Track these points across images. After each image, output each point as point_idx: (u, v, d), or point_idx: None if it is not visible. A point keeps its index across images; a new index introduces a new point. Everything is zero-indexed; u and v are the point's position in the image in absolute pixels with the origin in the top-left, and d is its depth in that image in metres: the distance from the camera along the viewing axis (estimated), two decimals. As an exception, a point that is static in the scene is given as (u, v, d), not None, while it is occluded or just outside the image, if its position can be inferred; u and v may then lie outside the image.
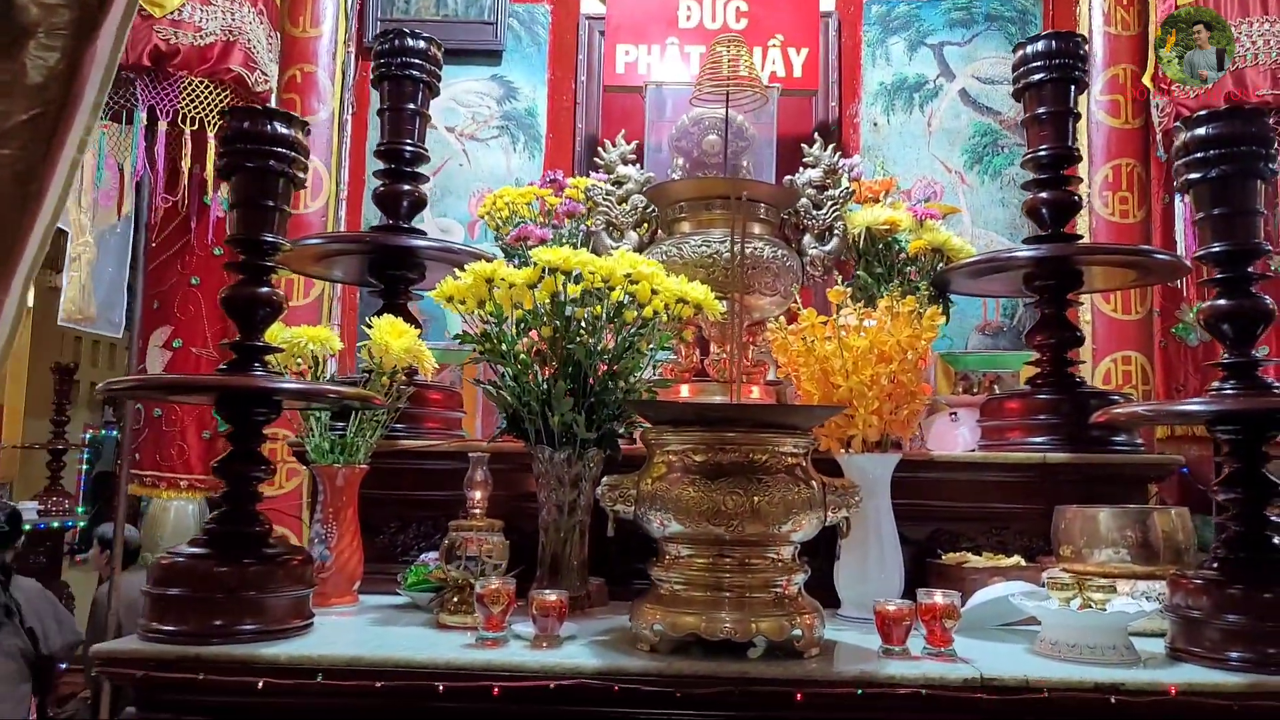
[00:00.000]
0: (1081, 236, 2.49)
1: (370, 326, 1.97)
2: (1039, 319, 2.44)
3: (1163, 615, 1.65)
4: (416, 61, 2.39)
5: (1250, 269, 1.62)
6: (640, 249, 2.41)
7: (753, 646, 1.55)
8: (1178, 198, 3.45)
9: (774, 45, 3.32)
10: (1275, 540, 1.59)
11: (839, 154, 2.51)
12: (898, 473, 2.09)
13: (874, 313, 2.04)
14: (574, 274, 1.84)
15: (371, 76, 2.41)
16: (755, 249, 2.26)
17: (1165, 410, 1.81)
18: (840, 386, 1.96)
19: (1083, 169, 3.62)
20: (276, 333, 1.86)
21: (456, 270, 1.91)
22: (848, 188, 2.48)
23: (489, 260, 2.26)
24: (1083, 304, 3.53)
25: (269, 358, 1.68)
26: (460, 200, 3.65)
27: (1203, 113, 1.64)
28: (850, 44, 3.71)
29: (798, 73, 3.38)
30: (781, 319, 2.14)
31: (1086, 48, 2.40)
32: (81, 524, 6.55)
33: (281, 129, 1.64)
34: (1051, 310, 2.42)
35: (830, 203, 2.47)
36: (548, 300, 1.86)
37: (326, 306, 3.33)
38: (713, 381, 2.32)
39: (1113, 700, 1.43)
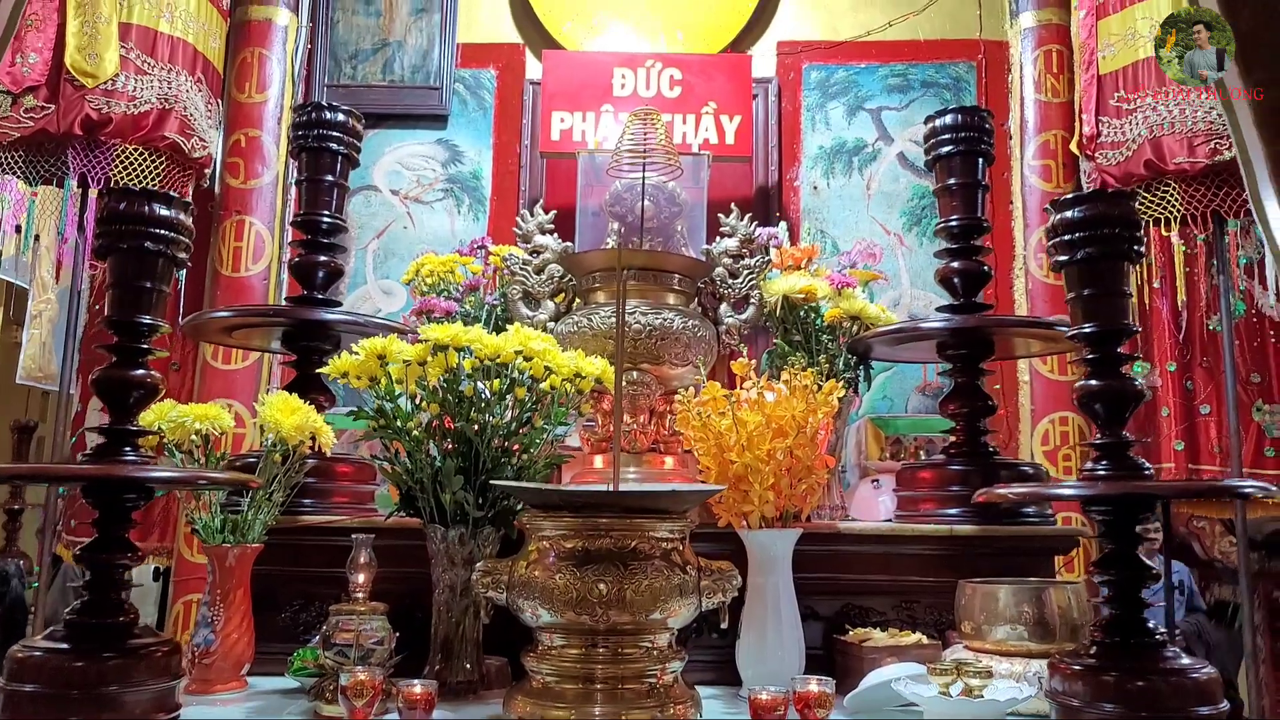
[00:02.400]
0: (992, 306, 2.50)
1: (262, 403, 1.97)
2: (953, 388, 2.45)
3: (1040, 698, 1.63)
4: (335, 134, 2.42)
5: (1119, 349, 1.63)
6: (556, 318, 2.42)
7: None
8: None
9: (707, 113, 3.38)
10: (1149, 624, 1.57)
11: (756, 223, 2.54)
12: (808, 546, 2.08)
13: (776, 385, 2.05)
14: (467, 350, 1.85)
15: (289, 148, 2.44)
16: (666, 319, 2.27)
17: (1038, 493, 1.80)
18: (735, 462, 1.95)
19: (1018, 231, 3.67)
20: (164, 410, 1.85)
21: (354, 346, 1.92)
22: (764, 257, 2.50)
23: (404, 332, 2.27)
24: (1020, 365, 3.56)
25: (143, 440, 1.67)
26: (404, 263, 3.67)
27: (1070, 196, 1.66)
28: (790, 109, 3.77)
29: (730, 139, 3.43)
30: (691, 390, 2.14)
31: (992, 122, 2.44)
32: (34, 584, 6.45)
33: (161, 210, 1.65)
34: (965, 379, 2.43)
35: (746, 272, 2.49)
36: (440, 377, 1.86)
37: (265, 370, 3.33)
38: (624, 452, 2.31)
39: (976, 795, 1.41)
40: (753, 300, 2.49)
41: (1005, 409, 3.66)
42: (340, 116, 2.43)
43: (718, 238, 2.56)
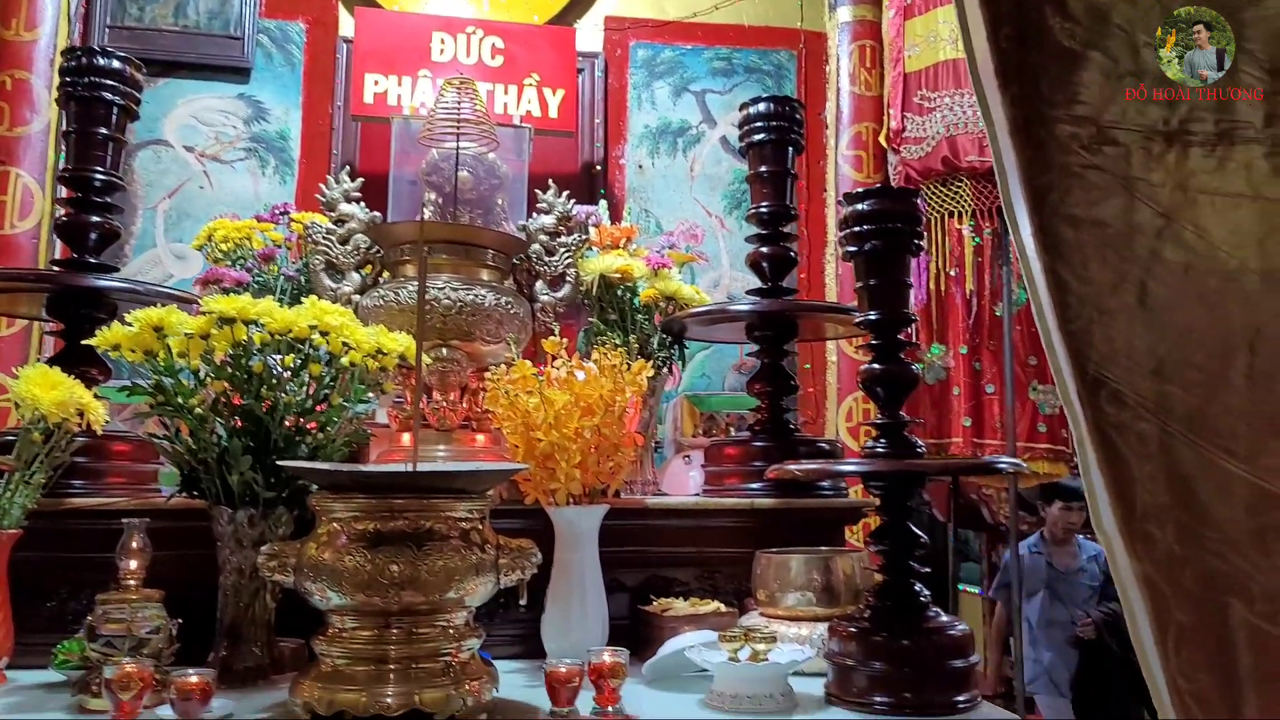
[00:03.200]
0: (797, 291, 2.62)
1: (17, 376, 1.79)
2: (759, 369, 2.55)
3: (820, 659, 1.74)
4: (109, 83, 2.20)
5: (900, 336, 1.74)
6: (362, 291, 2.32)
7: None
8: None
9: (530, 85, 3.33)
10: (917, 588, 1.70)
11: (574, 201, 2.53)
12: (616, 520, 2.11)
13: (588, 364, 2.06)
14: (256, 324, 1.75)
15: (58, 96, 2.21)
16: (477, 295, 2.23)
17: (823, 469, 1.91)
18: (542, 441, 1.95)
19: (831, 218, 3.85)
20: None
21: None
22: (581, 235, 2.50)
23: (189, 301, 2.12)
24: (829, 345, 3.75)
25: None
26: (200, 225, 3.36)
27: (860, 190, 1.75)
28: (617, 86, 3.78)
29: (554, 113, 3.40)
30: (503, 368, 2.12)
31: (803, 112, 2.54)
32: None
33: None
34: (770, 360, 2.53)
35: (563, 249, 2.48)
36: (227, 352, 1.75)
37: (36, 337, 3.03)
38: (434, 430, 2.26)
39: (757, 755, 1.48)
40: (569, 278, 2.48)
41: (815, 387, 3.85)
42: (116, 64, 2.21)
43: (535, 214, 2.53)
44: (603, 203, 2.79)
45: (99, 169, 2.20)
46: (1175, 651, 1.28)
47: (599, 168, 3.61)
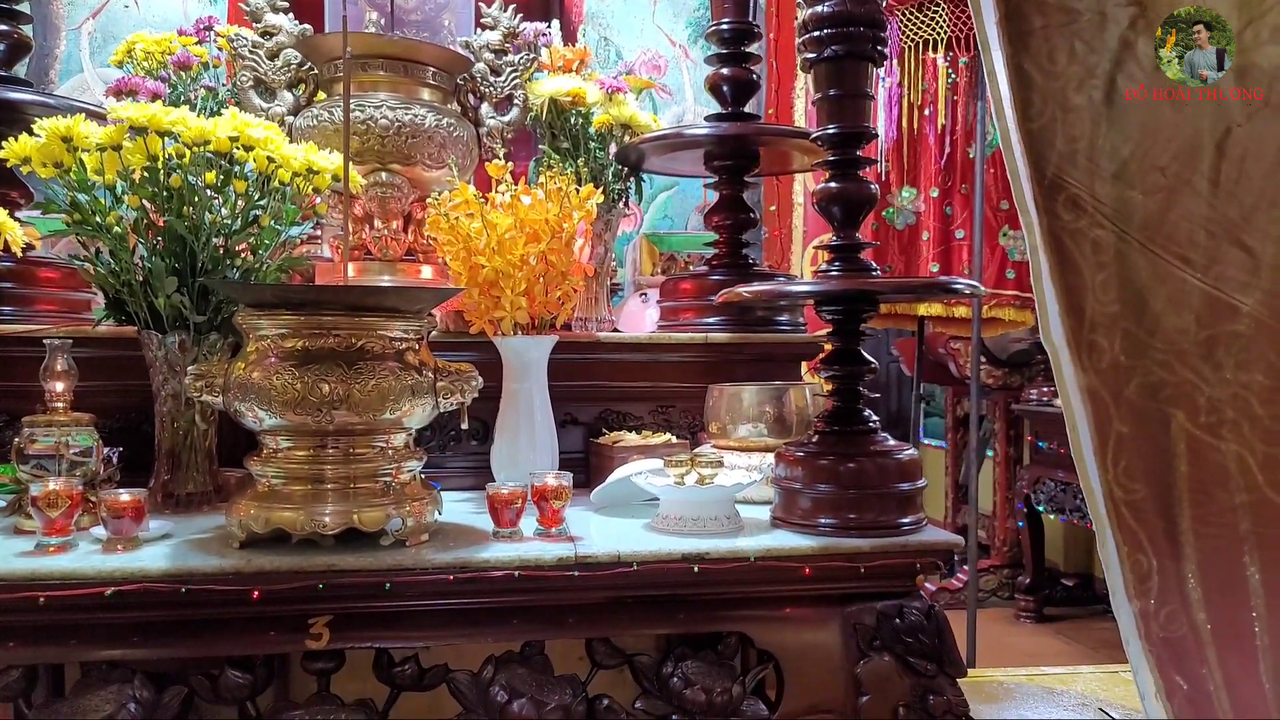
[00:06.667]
0: (759, 117, 2.49)
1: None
2: (718, 200, 2.45)
3: (766, 484, 1.74)
4: (8, -126, 1.99)
5: (859, 153, 1.66)
6: (296, 111, 2.18)
7: (383, 534, 1.50)
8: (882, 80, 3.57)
9: (478, -108, 3.05)
10: (866, 414, 1.69)
11: (520, 16, 2.35)
12: (568, 354, 2.07)
13: (535, 190, 1.96)
14: (171, 136, 1.63)
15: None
16: (417, 115, 2.10)
17: (773, 290, 1.86)
18: (486, 267, 1.88)
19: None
20: None
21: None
22: (530, 54, 2.34)
23: (103, 118, 1.98)
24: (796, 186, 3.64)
25: None
26: (128, 49, 3.20)
27: (819, -10, 1.62)
28: (574, -101, 3.50)
29: (505, -76, 3.13)
30: (445, 195, 2.01)
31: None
32: None
33: None
34: (729, 191, 2.44)
35: (510, 69, 2.32)
36: (143, 166, 1.64)
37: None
38: (376, 260, 2.18)
39: (695, 569, 1.50)
40: (517, 102, 2.34)
41: (779, 230, 3.77)
42: None
43: (479, 30, 2.36)
44: (555, 22, 2.61)
45: (3, -27, 2.01)
46: (1114, 462, 1.28)
47: (556, -9, 3.39)
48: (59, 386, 1.61)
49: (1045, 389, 4.50)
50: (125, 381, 1.92)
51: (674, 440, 2.10)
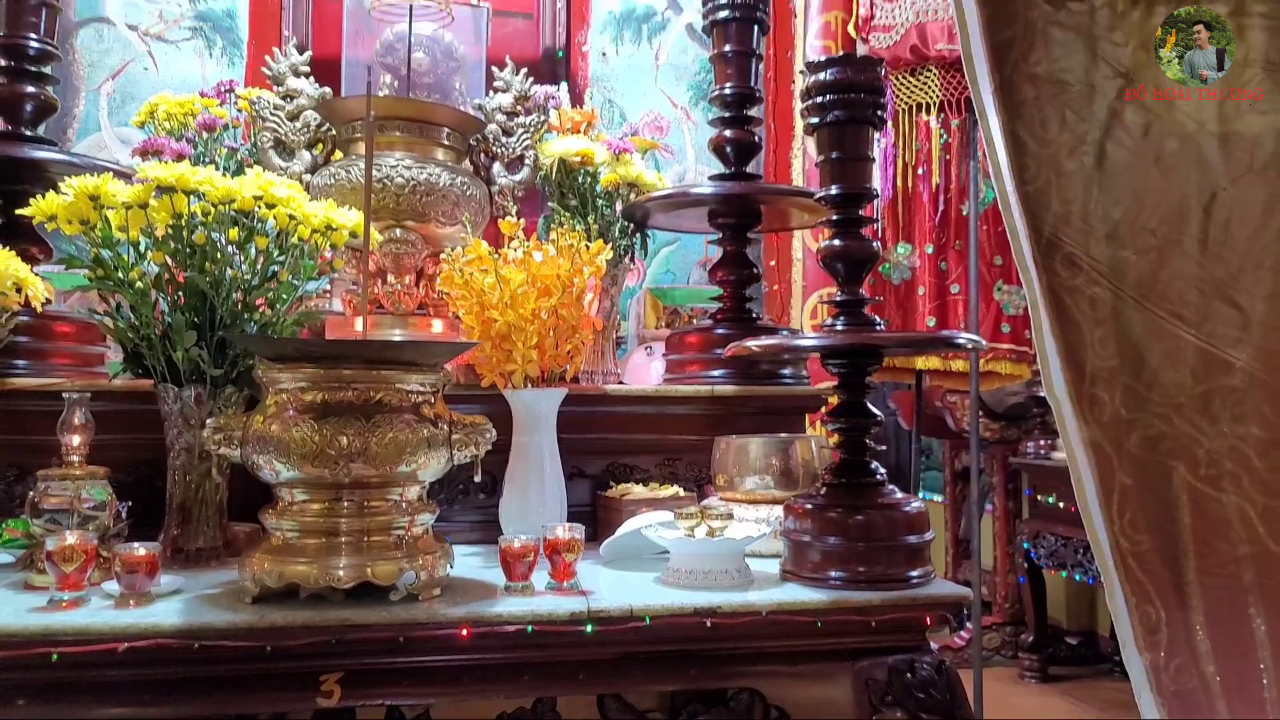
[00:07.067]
0: (761, 177, 2.57)
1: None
2: (722, 256, 2.51)
3: (775, 537, 1.76)
4: (39, -57, 2.08)
5: (860, 212, 1.71)
6: (313, 170, 2.24)
7: (394, 589, 1.51)
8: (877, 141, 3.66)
9: (488, -38, 3.18)
10: (873, 466, 1.71)
11: (531, 80, 2.44)
12: (576, 407, 2.10)
13: (545, 246, 2.01)
14: (196, 194, 1.68)
15: (-20, -42, 2.07)
16: (432, 174, 2.16)
17: (781, 345, 1.90)
18: (498, 320, 1.92)
19: (799, 110, 3.76)
20: None
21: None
22: (541, 116, 2.41)
23: (128, 176, 2.04)
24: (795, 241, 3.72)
25: None
26: (145, 109, 3.29)
27: (822, 59, 1.69)
28: (579, -32, 3.63)
29: (513, -7, 3.26)
30: (459, 250, 2.07)
31: (769, -11, 2.45)
32: None
33: None
34: (733, 247, 2.49)
35: (521, 130, 2.40)
36: (168, 223, 1.69)
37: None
38: (388, 314, 2.22)
39: (708, 623, 1.51)
40: (528, 161, 2.41)
41: (780, 285, 3.83)
42: (45, -76, 2.08)
43: (491, 93, 2.44)
44: (564, 84, 2.69)
45: (33, 36, 2.09)
46: (1119, 513, 1.30)
47: (561, 54, 3.49)
48: (76, 440, 1.63)
49: (1043, 442, 4.52)
50: (136, 435, 1.94)
51: (681, 493, 2.12)
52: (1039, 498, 4.47)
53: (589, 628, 1.48)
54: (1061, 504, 4.27)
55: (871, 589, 1.59)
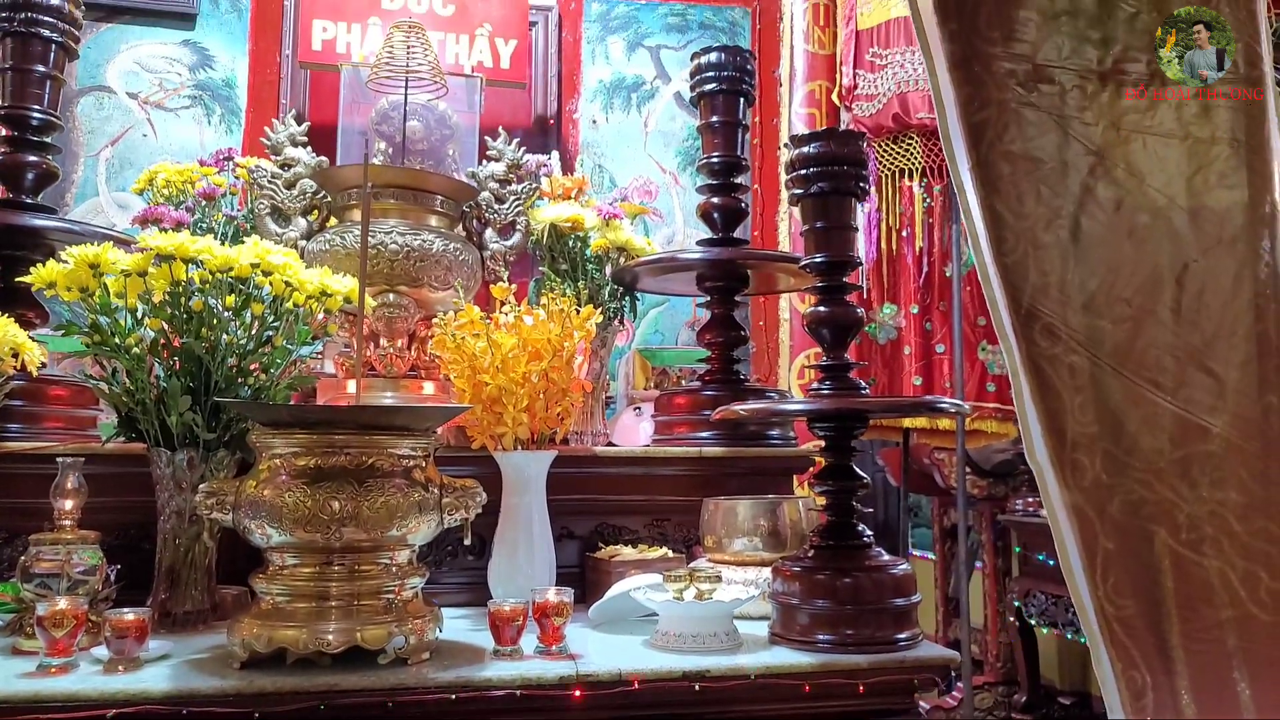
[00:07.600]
0: (748, 242, 2.62)
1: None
2: (710, 319, 2.55)
3: (763, 599, 1.77)
4: (47, 19, 2.14)
5: (845, 279, 1.76)
6: (309, 236, 2.28)
7: (383, 653, 1.51)
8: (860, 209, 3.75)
9: (482, 34, 3.28)
10: (860, 528, 1.73)
11: (524, 149, 2.50)
12: (565, 468, 2.11)
13: (537, 310, 2.05)
14: (195, 263, 1.71)
15: (-10, 32, 2.13)
16: (425, 241, 2.21)
17: (768, 409, 1.93)
18: (490, 384, 1.94)
19: (784, 176, 3.85)
20: None
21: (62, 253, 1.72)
22: (532, 184, 2.47)
23: (127, 243, 2.08)
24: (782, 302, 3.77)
25: None
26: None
27: (806, 133, 1.75)
28: (571, 39, 3.73)
29: (505, 64, 3.35)
30: (451, 314, 2.10)
31: (754, 64, 2.53)
32: None
33: None
34: (721, 310, 2.54)
35: (514, 197, 2.46)
36: (166, 290, 1.72)
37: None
38: (380, 377, 2.24)
39: (696, 687, 1.51)
40: (520, 227, 2.47)
41: (767, 345, 3.88)
42: (55, 1, 2.15)
43: (484, 161, 2.50)
44: (555, 153, 2.76)
45: (36, 107, 2.14)
46: (1103, 578, 1.32)
47: (552, 121, 3.58)
48: (68, 504, 1.64)
49: (1030, 499, 4.54)
50: (125, 498, 1.94)
51: (670, 555, 2.12)
52: (1029, 555, 4.46)
53: (577, 692, 1.47)
54: (1051, 562, 4.25)
55: (860, 652, 1.60)
